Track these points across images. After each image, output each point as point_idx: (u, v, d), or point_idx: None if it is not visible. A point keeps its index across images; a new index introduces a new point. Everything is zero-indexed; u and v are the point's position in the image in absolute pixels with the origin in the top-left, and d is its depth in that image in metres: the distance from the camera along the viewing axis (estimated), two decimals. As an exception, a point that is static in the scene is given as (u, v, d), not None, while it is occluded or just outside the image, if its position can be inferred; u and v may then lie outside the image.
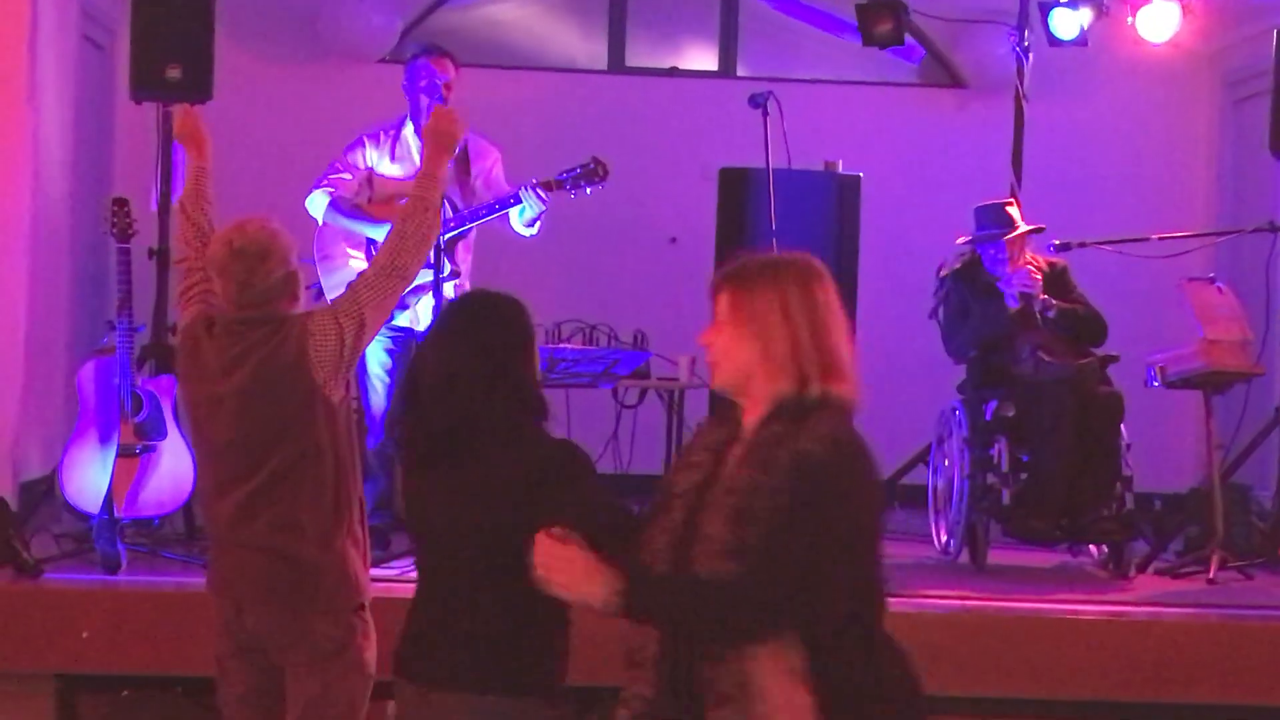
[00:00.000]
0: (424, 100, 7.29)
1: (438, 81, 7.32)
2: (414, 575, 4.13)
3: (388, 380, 7.34)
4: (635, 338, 8.69)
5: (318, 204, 7.38)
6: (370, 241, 7.27)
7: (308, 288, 7.31)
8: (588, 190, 7.27)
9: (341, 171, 7.44)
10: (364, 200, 7.43)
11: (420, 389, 3.91)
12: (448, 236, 7.22)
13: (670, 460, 8.66)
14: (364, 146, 7.50)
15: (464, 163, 7.45)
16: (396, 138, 7.51)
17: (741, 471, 3.30)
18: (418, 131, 7.37)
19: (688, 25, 10.45)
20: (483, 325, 3.91)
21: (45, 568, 6.47)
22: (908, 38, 8.95)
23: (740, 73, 10.24)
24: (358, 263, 7.24)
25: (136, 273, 7.03)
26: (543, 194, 7.16)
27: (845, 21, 9.29)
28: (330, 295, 7.12)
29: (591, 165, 7.25)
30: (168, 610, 6.14)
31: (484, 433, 3.84)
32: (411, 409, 3.93)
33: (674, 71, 10.21)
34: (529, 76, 10.01)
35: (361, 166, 7.47)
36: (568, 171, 7.26)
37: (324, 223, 7.37)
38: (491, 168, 7.53)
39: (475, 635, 3.80)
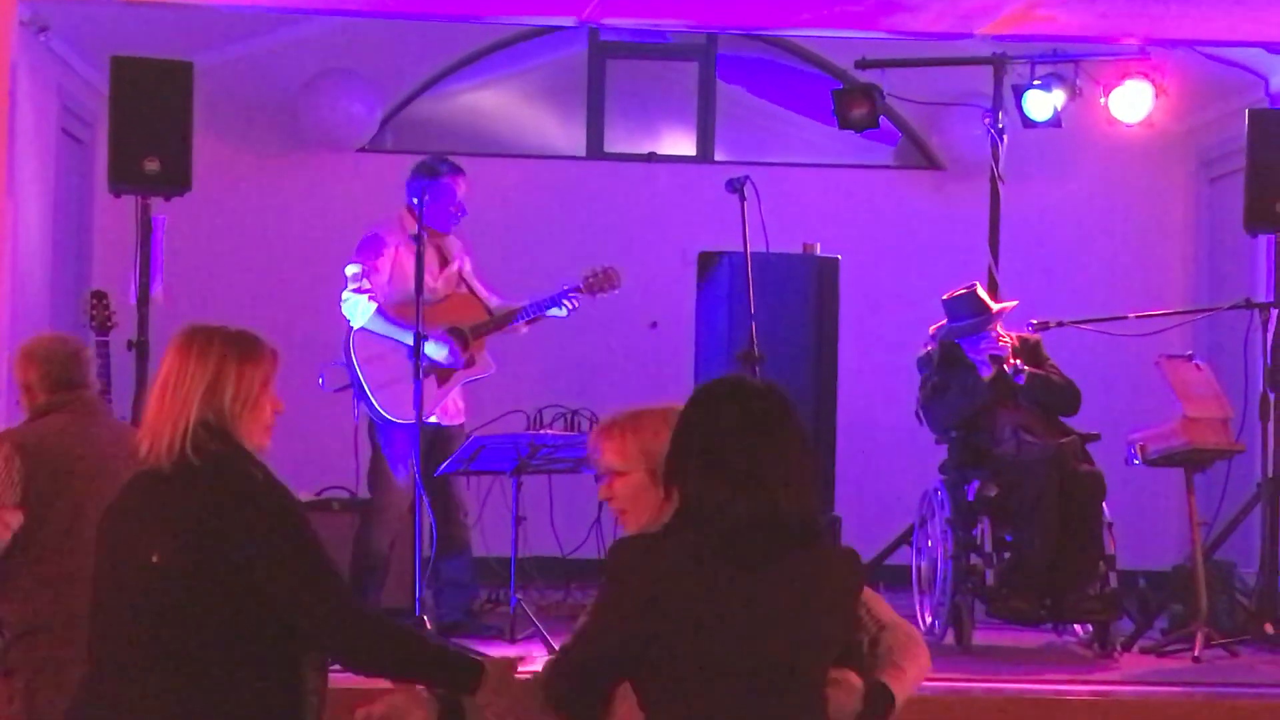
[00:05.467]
0: (450, 215, 7.50)
1: (462, 199, 7.53)
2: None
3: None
4: (616, 423, 8.69)
5: (361, 310, 7.44)
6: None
7: (342, 388, 7.47)
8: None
9: (371, 275, 7.51)
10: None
11: (758, 478, 3.35)
12: (486, 334, 7.58)
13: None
14: (384, 250, 7.56)
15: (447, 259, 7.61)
16: (412, 247, 7.42)
17: None
18: (440, 227, 7.53)
19: (666, 111, 10.51)
20: (797, 417, 3.48)
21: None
22: (883, 121, 9.01)
23: (718, 157, 10.29)
24: (400, 357, 7.33)
25: (115, 365, 7.02)
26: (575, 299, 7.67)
27: (822, 105, 9.35)
28: (378, 395, 7.35)
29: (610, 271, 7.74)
30: None
31: (801, 527, 3.41)
32: (745, 498, 3.36)
33: (652, 157, 10.26)
34: (508, 163, 10.05)
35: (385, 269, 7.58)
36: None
37: (361, 327, 7.46)
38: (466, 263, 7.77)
39: None
